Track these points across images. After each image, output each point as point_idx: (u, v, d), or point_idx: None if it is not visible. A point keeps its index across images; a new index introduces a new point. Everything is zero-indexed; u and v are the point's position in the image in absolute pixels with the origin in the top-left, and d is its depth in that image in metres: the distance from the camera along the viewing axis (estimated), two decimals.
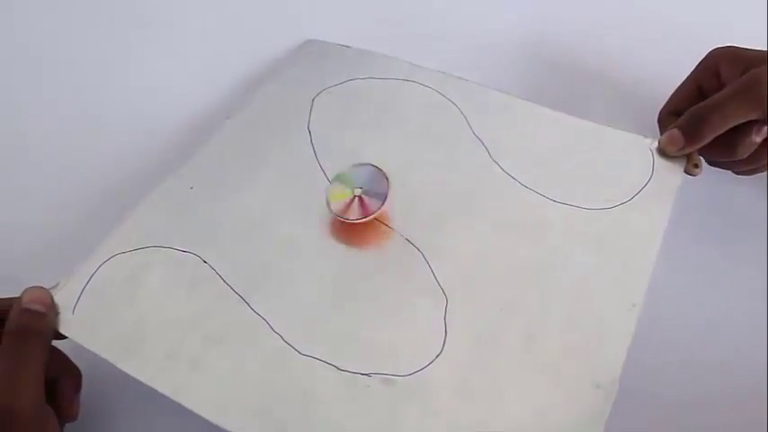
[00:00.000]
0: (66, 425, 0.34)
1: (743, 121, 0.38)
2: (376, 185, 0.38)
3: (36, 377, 0.31)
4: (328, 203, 0.38)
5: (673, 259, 0.40)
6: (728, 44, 0.42)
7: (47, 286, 0.35)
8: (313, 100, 0.45)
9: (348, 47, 0.49)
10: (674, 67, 0.44)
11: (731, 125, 0.39)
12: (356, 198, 0.38)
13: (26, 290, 0.34)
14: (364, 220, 0.37)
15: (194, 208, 0.39)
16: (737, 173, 0.43)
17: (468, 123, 0.43)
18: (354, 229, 0.38)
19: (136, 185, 0.41)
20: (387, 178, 0.38)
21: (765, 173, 0.43)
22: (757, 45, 0.41)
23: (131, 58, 0.56)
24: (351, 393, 0.32)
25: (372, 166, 0.39)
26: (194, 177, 0.41)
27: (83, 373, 0.35)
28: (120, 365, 0.33)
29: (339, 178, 0.39)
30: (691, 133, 0.40)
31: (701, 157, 0.41)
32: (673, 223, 0.38)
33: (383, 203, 0.37)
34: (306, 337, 0.34)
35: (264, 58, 0.53)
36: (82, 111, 0.52)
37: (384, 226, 0.38)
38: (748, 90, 0.38)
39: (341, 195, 0.38)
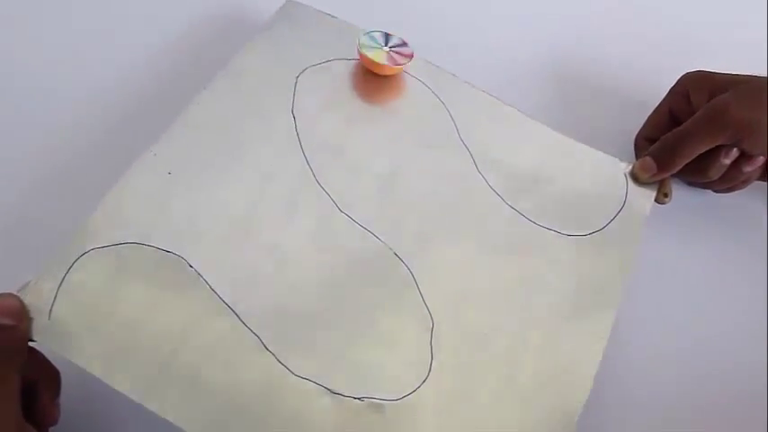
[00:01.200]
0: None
1: (711, 146, 0.41)
2: (401, 46, 0.44)
3: (11, 398, 0.29)
4: (364, 56, 0.43)
5: (672, 261, 0.42)
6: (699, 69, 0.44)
7: (14, 285, 0.32)
8: (297, 78, 0.43)
9: (333, 17, 0.46)
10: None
11: (701, 152, 0.41)
12: (388, 53, 0.44)
13: None
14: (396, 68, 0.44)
15: (173, 198, 0.37)
16: (715, 191, 0.45)
17: (456, 127, 0.43)
18: (386, 81, 0.44)
19: (106, 159, 0.37)
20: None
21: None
22: None
23: (98, 18, 0.50)
24: (343, 417, 0.33)
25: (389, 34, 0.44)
26: (171, 160, 0.38)
27: (61, 372, 0.33)
28: (107, 381, 0.31)
29: (369, 37, 0.44)
30: (663, 161, 0.42)
31: (678, 178, 0.44)
32: (673, 225, 0.39)
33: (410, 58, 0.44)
34: (297, 355, 0.34)
35: (241, 19, 0.49)
36: (51, 80, 0.46)
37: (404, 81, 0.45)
38: (714, 117, 0.40)
39: (373, 52, 0.43)
